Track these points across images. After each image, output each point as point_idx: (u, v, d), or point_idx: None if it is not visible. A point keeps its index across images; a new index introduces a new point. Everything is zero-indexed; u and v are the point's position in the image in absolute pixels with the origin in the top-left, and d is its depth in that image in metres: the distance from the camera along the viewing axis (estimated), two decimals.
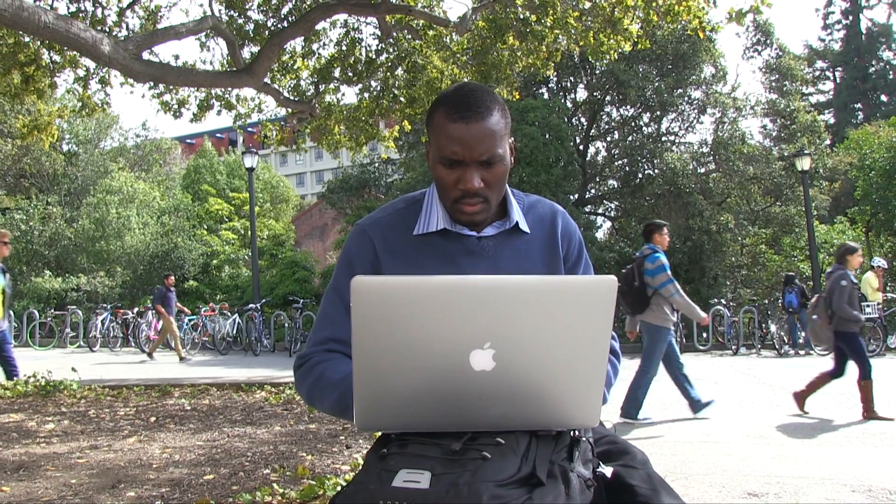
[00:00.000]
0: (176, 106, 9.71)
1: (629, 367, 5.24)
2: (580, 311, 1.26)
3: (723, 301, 18.17)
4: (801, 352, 15.51)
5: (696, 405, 6.60)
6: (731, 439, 5.66)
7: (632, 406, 6.48)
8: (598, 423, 1.38)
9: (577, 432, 1.39)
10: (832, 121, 43.40)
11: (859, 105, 45.47)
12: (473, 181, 1.53)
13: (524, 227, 1.68)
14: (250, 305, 17.36)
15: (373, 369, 1.25)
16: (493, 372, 1.25)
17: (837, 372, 6.96)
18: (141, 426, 5.63)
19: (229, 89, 9.75)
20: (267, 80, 8.96)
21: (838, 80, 47.10)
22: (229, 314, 17.83)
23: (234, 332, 17.65)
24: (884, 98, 44.94)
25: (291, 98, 9.45)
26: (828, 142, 25.94)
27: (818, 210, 22.99)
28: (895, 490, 4.06)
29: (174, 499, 3.38)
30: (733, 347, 16.25)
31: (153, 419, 5.97)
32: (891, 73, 45.43)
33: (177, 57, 8.93)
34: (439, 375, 1.25)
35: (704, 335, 17.43)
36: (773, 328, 15.91)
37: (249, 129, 13.14)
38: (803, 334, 15.77)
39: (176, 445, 4.73)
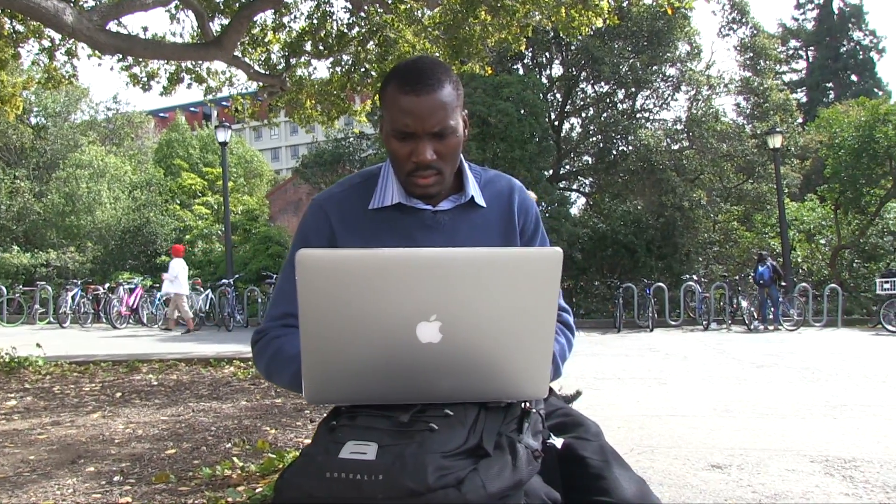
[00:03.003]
0: (145, 79, 9.55)
1: None
2: (526, 284, 1.26)
3: (694, 277, 18.39)
4: (770, 327, 15.74)
5: None
6: (698, 413, 5.73)
7: None
8: (546, 395, 1.38)
9: (527, 404, 1.40)
10: (805, 99, 43.78)
11: (831, 84, 45.86)
12: (426, 153, 1.53)
13: (480, 201, 1.68)
14: (223, 281, 17.26)
15: (320, 343, 1.25)
16: (440, 344, 1.25)
17: None
18: (106, 402, 5.60)
19: (200, 62, 9.60)
20: (237, 53, 8.83)
21: (811, 60, 47.47)
22: (202, 290, 17.74)
23: (207, 307, 17.58)
24: (854, 78, 45.37)
25: (262, 72, 9.33)
26: (800, 120, 26.19)
27: (789, 187, 23.21)
28: (850, 459, 4.16)
29: (134, 473, 3.38)
30: (704, 323, 16.46)
31: (119, 395, 5.94)
32: (861, 53, 45.89)
33: (145, 29, 8.77)
34: (386, 348, 1.26)
35: (677, 310, 17.63)
36: (743, 304, 16.11)
37: (223, 102, 12.98)
38: (773, 310, 16.03)
39: (140, 421, 4.71)
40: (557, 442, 1.45)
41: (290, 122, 10.66)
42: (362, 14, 8.36)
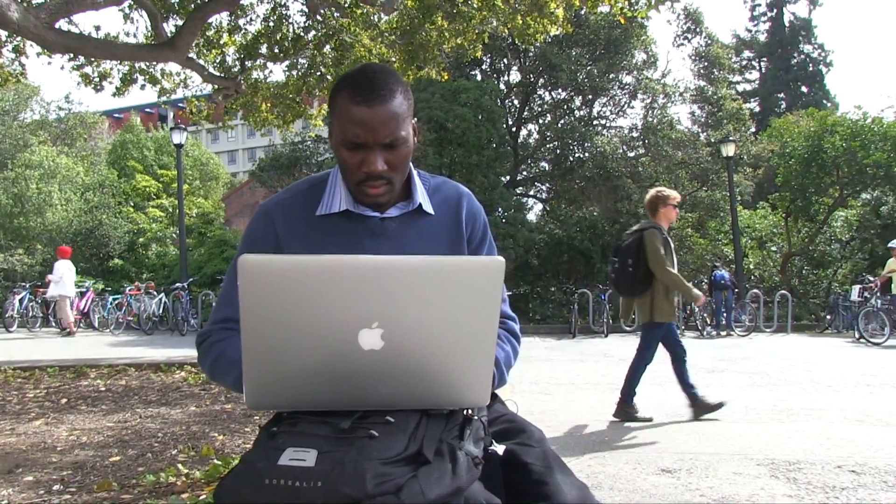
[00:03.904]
0: (97, 79, 9.35)
1: None
2: (468, 292, 1.26)
3: None
4: (723, 332, 15.99)
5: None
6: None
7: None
8: (487, 402, 1.38)
9: (470, 411, 1.40)
10: (758, 109, 44.72)
11: (782, 95, 46.96)
12: (377, 164, 1.53)
13: (428, 208, 1.69)
14: (177, 284, 17.04)
15: (261, 349, 1.24)
16: (381, 351, 1.25)
17: None
18: (50, 408, 5.46)
19: (154, 63, 9.45)
20: (192, 55, 8.72)
21: (764, 70, 48.53)
22: (155, 293, 17.48)
23: (161, 311, 17.32)
24: (805, 89, 46.53)
25: (217, 74, 9.22)
26: (753, 129, 26.67)
27: (742, 195, 23.64)
28: (794, 461, 4.25)
29: (75, 482, 3.29)
30: None
31: (64, 401, 5.80)
32: (811, 65, 47.14)
33: (98, 28, 8.59)
34: (328, 355, 1.25)
35: (633, 316, 17.78)
36: (697, 310, 16.33)
37: (180, 104, 12.80)
38: (726, 315, 16.30)
39: (84, 427, 4.61)
40: (499, 449, 1.46)
41: (247, 125, 10.55)
42: (318, 18, 8.31)
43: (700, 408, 5.76)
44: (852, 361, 9.81)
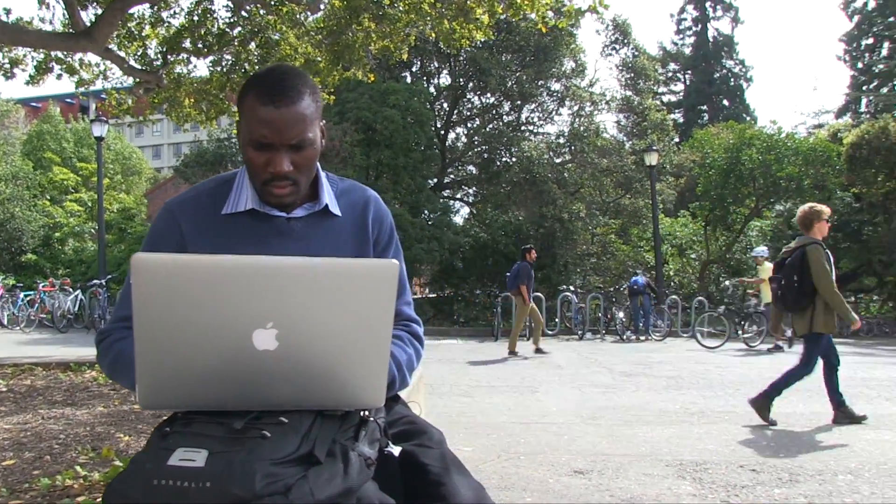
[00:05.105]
0: (8, 65, 8.99)
1: None
2: (362, 294, 1.27)
3: (572, 287, 18.92)
4: (642, 337, 16.36)
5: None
6: (566, 420, 5.90)
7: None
8: (382, 404, 1.39)
9: (366, 413, 1.40)
10: (681, 120, 46.02)
11: (705, 107, 48.55)
12: (283, 165, 1.53)
13: (335, 209, 1.69)
14: (95, 281, 16.58)
15: (154, 348, 1.23)
16: (276, 351, 1.25)
17: None
18: None
19: (71, 53, 9.13)
20: (113, 46, 8.46)
21: (688, 83, 49.98)
22: (71, 290, 16.95)
23: (77, 309, 16.80)
24: (726, 102, 48.22)
25: (138, 67, 8.97)
26: (676, 140, 27.41)
27: (664, 203, 24.25)
28: (701, 462, 4.41)
29: None
30: (579, 332, 16.92)
31: None
32: (732, 80, 48.91)
33: (8, 11, 8.20)
34: (223, 355, 1.24)
35: (554, 320, 18.07)
36: (619, 315, 16.66)
37: (102, 95, 12.40)
38: (644, 320, 16.69)
39: None
40: (395, 450, 1.47)
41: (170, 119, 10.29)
42: (244, 14, 8.18)
43: (844, 415, 5.88)
44: (762, 365, 10.16)
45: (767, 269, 13.22)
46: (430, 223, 19.72)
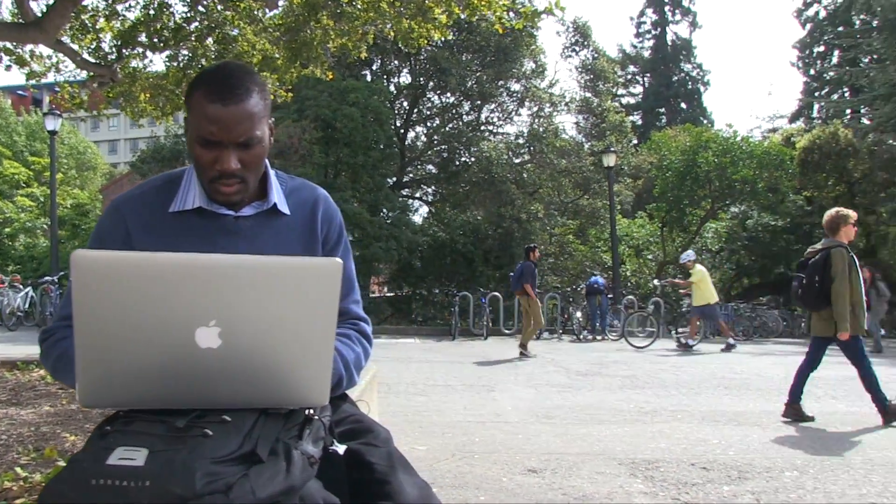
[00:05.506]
0: None
1: None
2: (305, 293, 1.27)
3: None
4: (599, 337, 16.52)
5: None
6: (521, 419, 5.93)
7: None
8: (326, 402, 1.38)
9: (311, 411, 1.40)
10: (640, 122, 46.59)
11: (663, 110, 49.24)
12: (230, 162, 1.52)
13: (284, 208, 1.69)
14: (46, 278, 16.24)
15: (95, 345, 1.22)
16: (219, 350, 1.24)
17: None
18: None
19: (21, 44, 8.92)
20: (66, 38, 8.28)
21: (646, 85, 50.63)
22: (21, 287, 16.56)
23: (27, 306, 16.43)
24: (684, 105, 48.96)
25: (91, 60, 8.79)
26: (634, 141, 27.75)
27: (622, 205, 24.55)
28: (653, 460, 4.47)
29: None
30: (537, 332, 17.00)
31: None
32: (690, 83, 49.67)
33: None
34: (165, 353, 1.24)
35: (511, 320, 18.14)
36: (577, 315, 16.78)
37: (56, 88, 12.14)
38: (601, 320, 16.87)
39: None
40: (340, 448, 1.46)
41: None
42: (201, 9, 8.07)
43: (794, 411, 5.97)
44: (715, 365, 10.33)
45: (698, 271, 13.50)
46: (388, 222, 19.68)
